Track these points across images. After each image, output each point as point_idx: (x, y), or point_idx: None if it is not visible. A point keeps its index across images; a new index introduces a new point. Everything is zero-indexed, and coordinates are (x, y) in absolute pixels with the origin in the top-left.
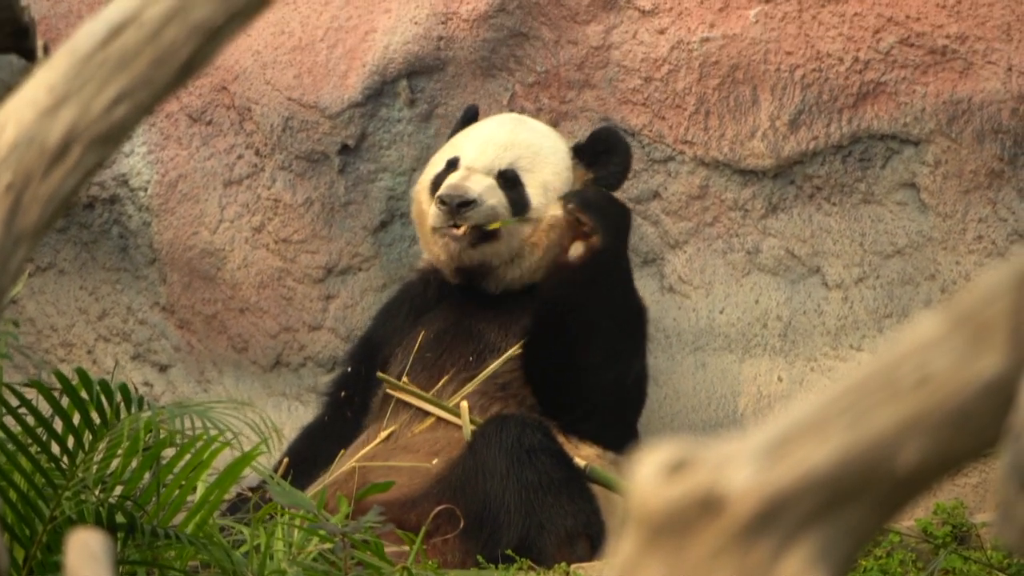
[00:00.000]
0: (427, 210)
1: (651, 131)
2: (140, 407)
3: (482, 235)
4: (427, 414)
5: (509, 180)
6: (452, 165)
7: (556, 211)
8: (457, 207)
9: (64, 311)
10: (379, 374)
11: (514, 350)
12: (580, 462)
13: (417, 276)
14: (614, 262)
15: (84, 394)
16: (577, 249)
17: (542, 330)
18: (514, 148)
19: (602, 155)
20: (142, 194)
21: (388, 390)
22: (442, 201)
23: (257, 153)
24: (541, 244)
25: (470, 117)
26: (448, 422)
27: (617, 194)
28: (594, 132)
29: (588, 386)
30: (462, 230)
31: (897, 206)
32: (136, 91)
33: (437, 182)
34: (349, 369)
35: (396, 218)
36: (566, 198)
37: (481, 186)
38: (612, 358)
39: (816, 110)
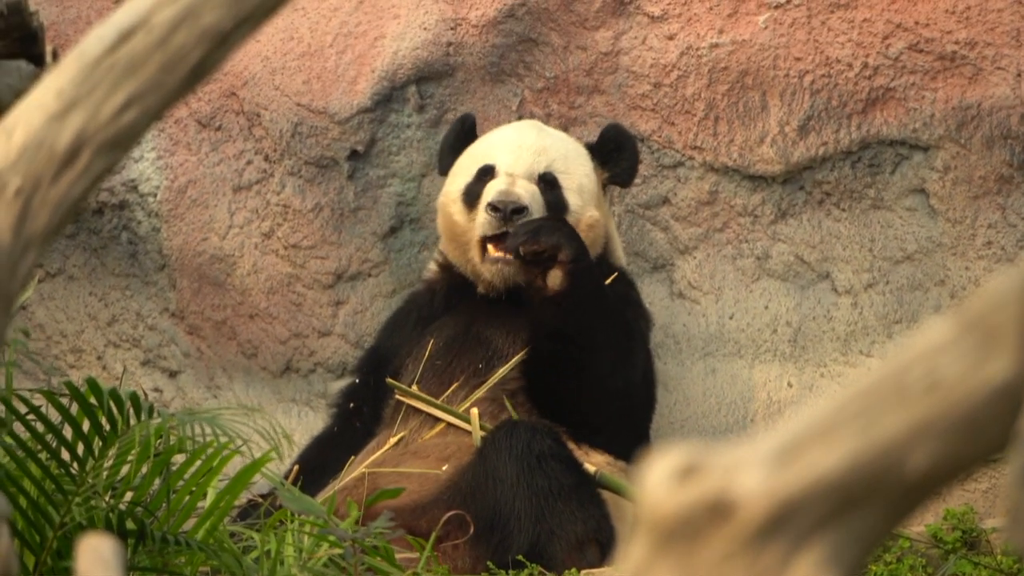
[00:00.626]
0: (461, 221)
1: (660, 137)
2: (150, 415)
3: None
4: (437, 420)
5: (548, 183)
6: (487, 173)
7: (593, 212)
8: (511, 213)
9: (73, 317)
10: (389, 380)
11: (523, 355)
12: (590, 468)
13: (424, 286)
14: (590, 269)
15: (94, 402)
16: (553, 278)
17: (546, 357)
18: (547, 152)
19: (613, 153)
20: (151, 200)
21: (398, 396)
22: (495, 208)
23: (266, 159)
24: None
25: (469, 127)
26: (458, 428)
27: (628, 199)
28: (603, 131)
29: (596, 399)
30: (512, 255)
31: (906, 212)
32: (145, 96)
33: (472, 191)
34: (357, 380)
35: (406, 224)
36: (507, 246)
37: (528, 193)
38: (617, 366)
39: (825, 116)
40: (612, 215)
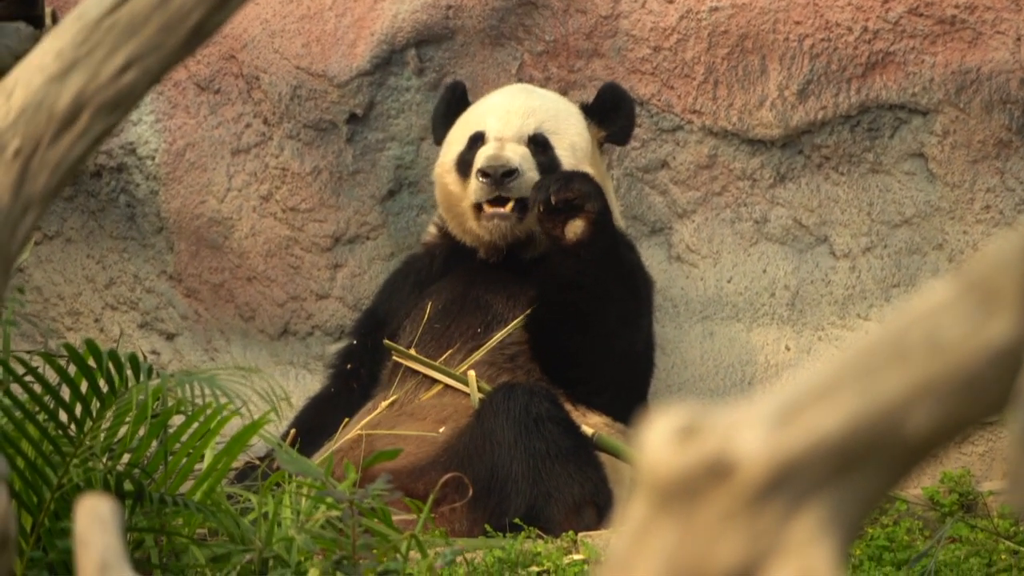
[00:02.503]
0: (456, 191)
1: (659, 100)
2: (148, 376)
3: (524, 207)
4: (434, 382)
5: (540, 144)
6: (478, 140)
7: (587, 169)
8: (501, 177)
9: (71, 279)
10: (386, 342)
11: (522, 319)
12: (588, 430)
13: (422, 249)
14: (610, 223)
15: (92, 363)
16: (574, 228)
17: (556, 311)
18: (537, 113)
19: (610, 112)
20: (150, 163)
21: (395, 357)
22: (485, 174)
23: (265, 122)
24: None
25: (460, 94)
26: (455, 390)
27: (626, 162)
28: (600, 90)
29: (600, 358)
30: (508, 207)
31: (905, 176)
32: (145, 57)
33: (464, 160)
34: (355, 342)
35: (404, 187)
36: (539, 193)
37: (518, 155)
38: (624, 326)
39: (825, 80)
40: (610, 178)
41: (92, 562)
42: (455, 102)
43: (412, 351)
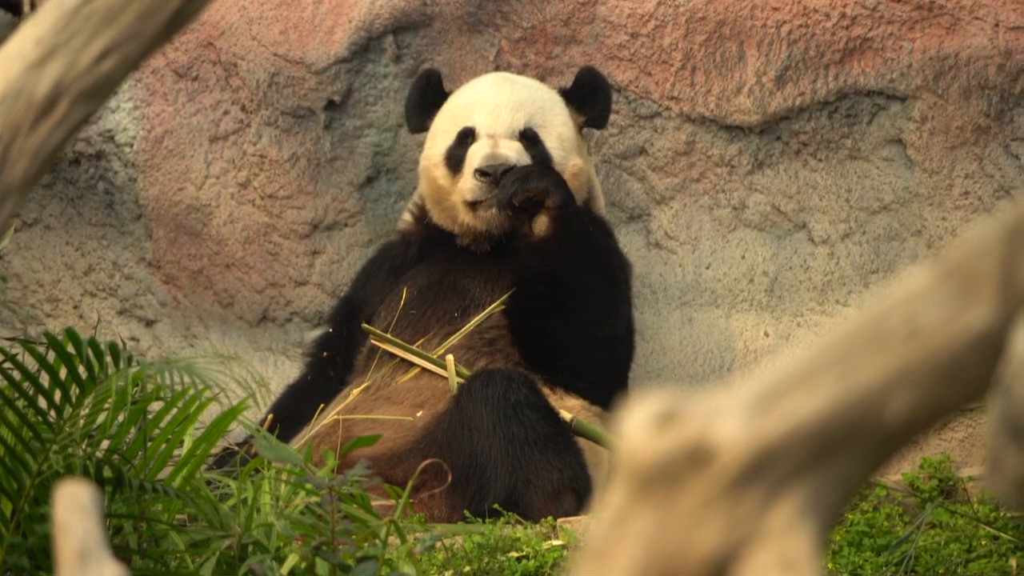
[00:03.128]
0: (446, 185)
1: (637, 87)
2: (128, 364)
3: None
4: (411, 365)
5: (530, 139)
6: (468, 136)
7: (576, 160)
8: (502, 175)
9: (50, 267)
10: (364, 325)
11: (499, 304)
12: (566, 415)
13: (398, 237)
14: (577, 214)
15: (72, 350)
16: (539, 225)
17: (532, 302)
18: (525, 106)
19: (588, 96)
20: (128, 150)
21: (373, 341)
22: (484, 173)
23: (243, 109)
24: None
25: (436, 83)
26: (432, 373)
27: (604, 149)
28: (578, 75)
29: (579, 344)
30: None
31: (883, 162)
32: (123, 44)
33: (454, 155)
34: (331, 330)
35: (382, 174)
36: (501, 194)
37: (514, 152)
38: (602, 312)
39: (803, 66)
40: (591, 162)
41: (72, 548)
42: (430, 90)
43: (389, 335)
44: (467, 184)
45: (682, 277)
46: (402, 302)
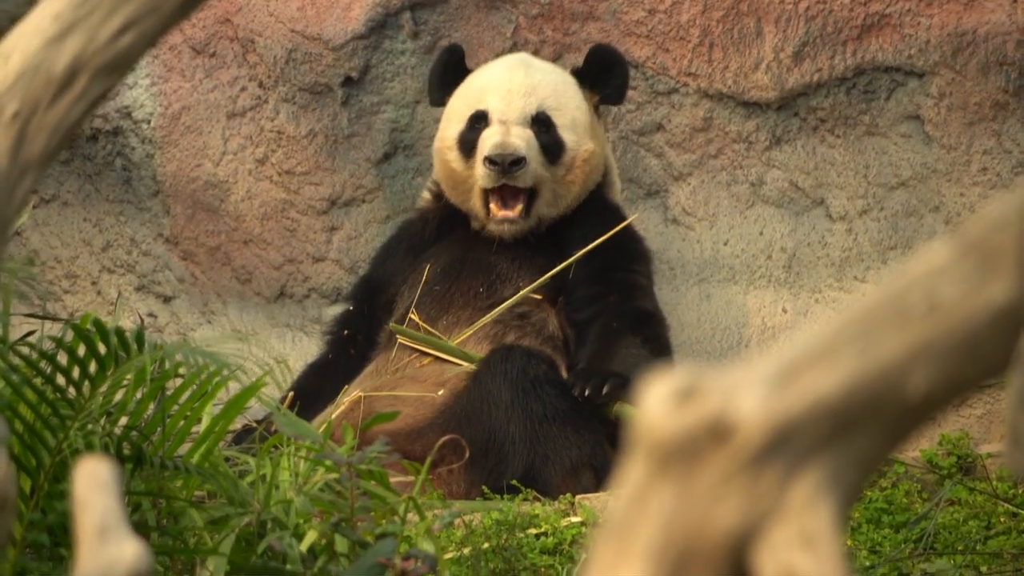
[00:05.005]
0: (460, 169)
1: (655, 63)
2: (149, 349)
3: (531, 200)
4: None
5: (542, 124)
6: (480, 119)
7: (588, 144)
8: (509, 166)
9: (68, 243)
10: (392, 325)
11: (528, 289)
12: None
13: (416, 214)
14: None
15: (101, 345)
16: (614, 408)
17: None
18: (537, 91)
19: (601, 74)
20: (145, 126)
21: (402, 341)
22: (492, 162)
23: (260, 85)
24: (577, 180)
25: (458, 59)
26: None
27: (622, 125)
28: (589, 53)
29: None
30: (516, 211)
31: (901, 138)
32: (142, 19)
33: (466, 139)
34: (351, 308)
35: (399, 150)
36: (583, 387)
37: (524, 140)
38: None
39: (820, 42)
40: (608, 140)
41: (91, 524)
42: (453, 65)
43: (412, 314)
44: (478, 171)
45: (700, 253)
46: (423, 279)
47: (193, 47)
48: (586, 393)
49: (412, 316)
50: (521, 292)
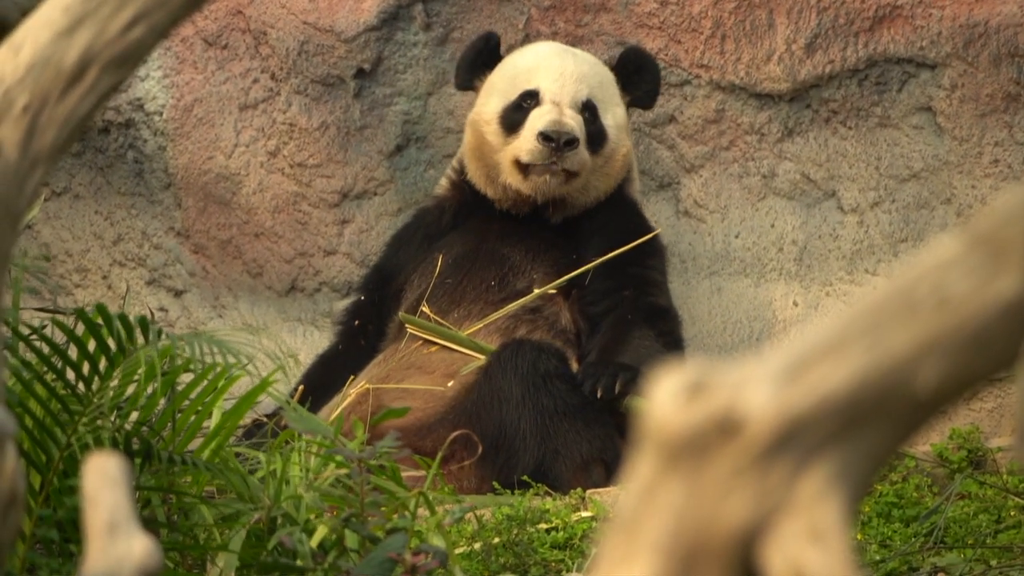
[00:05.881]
0: (495, 142)
1: (667, 55)
2: (158, 338)
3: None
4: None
5: (591, 112)
6: (531, 97)
7: (626, 141)
8: (564, 145)
9: (79, 236)
10: (402, 315)
11: (541, 291)
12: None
13: (433, 202)
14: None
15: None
16: (627, 403)
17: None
18: (587, 79)
19: (633, 75)
20: (157, 118)
21: (411, 330)
22: (548, 138)
23: (272, 77)
24: (612, 174)
25: (494, 46)
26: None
27: (634, 117)
28: (623, 53)
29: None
30: (560, 168)
31: (913, 130)
32: (152, 12)
33: (512, 115)
34: (362, 298)
35: (411, 142)
36: (594, 384)
37: (577, 123)
38: (668, 295)
39: (832, 34)
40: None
41: (101, 520)
42: (487, 52)
43: (424, 306)
44: (526, 145)
45: (711, 246)
46: (437, 270)
47: (205, 39)
48: (598, 394)
49: (424, 308)
50: (536, 292)
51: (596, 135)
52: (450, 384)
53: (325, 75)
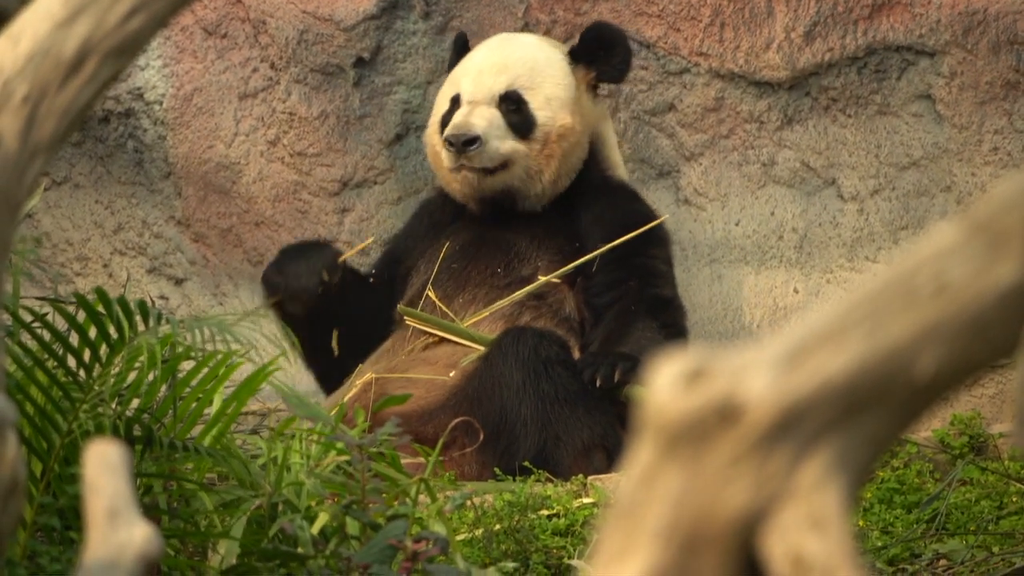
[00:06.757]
0: (440, 152)
1: (666, 43)
2: (158, 323)
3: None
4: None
5: (513, 102)
6: (455, 103)
7: (565, 119)
8: (463, 145)
9: (80, 225)
10: (400, 307)
11: (547, 279)
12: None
13: (436, 192)
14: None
15: (102, 310)
16: (626, 391)
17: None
18: (509, 69)
19: (600, 51)
20: (157, 108)
21: (408, 321)
22: (449, 143)
23: (272, 66)
24: (555, 155)
25: (461, 46)
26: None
27: (633, 105)
28: (586, 31)
29: (670, 321)
30: (473, 160)
31: (913, 118)
32: (151, 2)
33: (444, 123)
34: (371, 281)
35: (411, 131)
36: (592, 374)
37: (484, 120)
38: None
39: (831, 21)
40: (608, 116)
41: (101, 507)
42: (459, 53)
43: (429, 290)
44: (442, 152)
45: (711, 234)
46: (441, 255)
47: (205, 28)
48: (597, 383)
49: (428, 293)
50: (541, 280)
51: (521, 124)
52: (452, 374)
53: (324, 64)
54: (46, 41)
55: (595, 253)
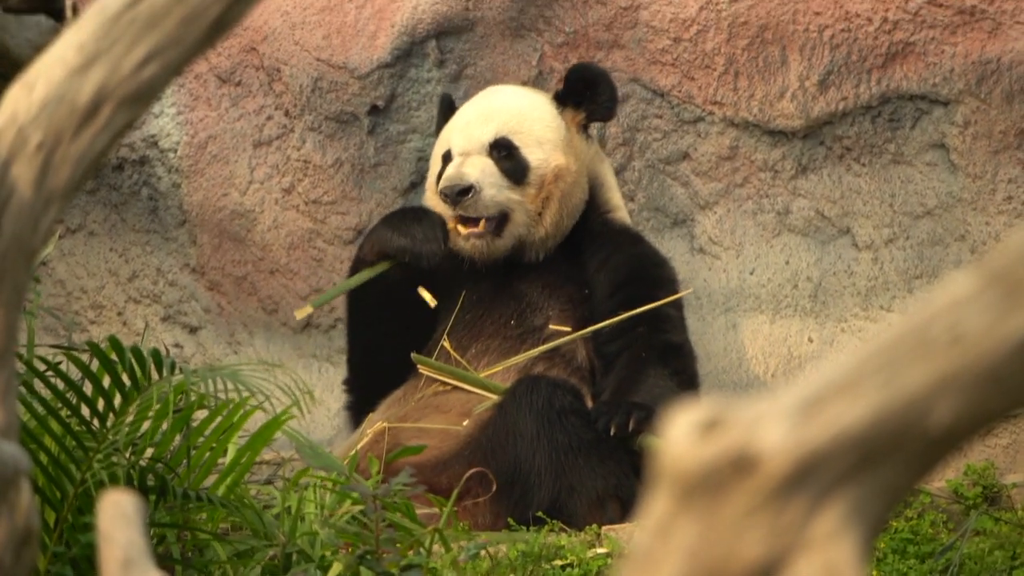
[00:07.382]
0: (442, 210)
1: (680, 92)
2: (172, 371)
3: (500, 223)
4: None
5: (503, 149)
6: (446, 159)
7: (559, 160)
8: (457, 196)
9: (94, 273)
10: (413, 355)
11: (562, 341)
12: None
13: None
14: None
15: (115, 358)
16: (642, 440)
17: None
18: (495, 117)
19: (585, 91)
20: (172, 155)
21: (422, 370)
22: (444, 195)
23: (286, 114)
24: (554, 196)
25: (447, 107)
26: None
27: (648, 154)
28: (568, 72)
29: (681, 367)
30: (481, 225)
31: (927, 167)
32: (166, 50)
33: (439, 180)
34: None
35: (426, 179)
36: (606, 422)
37: (477, 170)
38: (684, 331)
39: (845, 70)
40: (604, 159)
41: (115, 557)
42: (443, 115)
43: (445, 340)
44: (440, 208)
45: (726, 283)
46: (458, 306)
47: (219, 76)
48: (611, 432)
49: (444, 344)
50: (555, 342)
51: (514, 169)
52: (465, 423)
53: (339, 112)
54: (61, 88)
55: (618, 318)
